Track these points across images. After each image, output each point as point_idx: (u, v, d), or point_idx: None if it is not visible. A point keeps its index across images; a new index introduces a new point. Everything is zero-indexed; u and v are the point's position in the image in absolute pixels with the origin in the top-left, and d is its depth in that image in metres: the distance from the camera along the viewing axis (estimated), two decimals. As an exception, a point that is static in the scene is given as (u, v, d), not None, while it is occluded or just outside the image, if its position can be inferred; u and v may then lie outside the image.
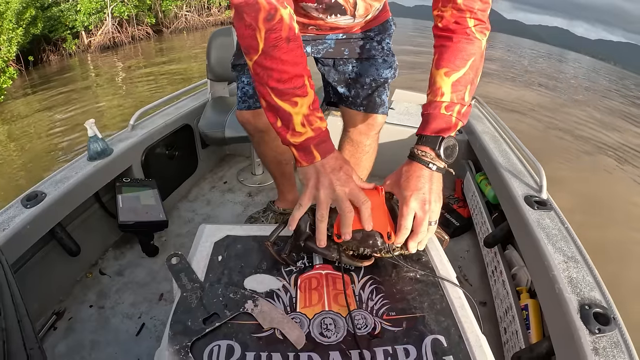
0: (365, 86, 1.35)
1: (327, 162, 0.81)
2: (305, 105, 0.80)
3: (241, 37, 0.80)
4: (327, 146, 0.82)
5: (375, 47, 1.31)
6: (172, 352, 0.61)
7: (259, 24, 0.76)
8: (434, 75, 0.91)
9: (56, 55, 12.86)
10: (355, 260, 0.81)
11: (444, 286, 0.79)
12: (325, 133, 0.83)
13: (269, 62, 0.78)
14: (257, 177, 2.41)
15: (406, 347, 0.65)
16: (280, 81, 0.78)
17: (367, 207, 0.78)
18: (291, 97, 0.79)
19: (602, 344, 0.86)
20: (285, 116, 0.80)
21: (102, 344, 1.35)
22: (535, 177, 1.51)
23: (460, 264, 1.80)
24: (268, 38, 0.77)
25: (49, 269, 1.44)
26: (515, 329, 1.23)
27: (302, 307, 0.72)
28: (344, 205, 0.77)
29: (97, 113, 7.15)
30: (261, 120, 1.37)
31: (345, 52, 1.30)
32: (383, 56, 1.33)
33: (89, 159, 1.54)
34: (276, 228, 0.84)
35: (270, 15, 0.76)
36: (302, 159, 0.82)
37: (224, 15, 20.23)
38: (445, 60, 0.89)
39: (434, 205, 0.83)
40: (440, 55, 0.91)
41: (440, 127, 0.87)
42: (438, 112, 0.88)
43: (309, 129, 0.80)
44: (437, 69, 0.90)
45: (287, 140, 0.83)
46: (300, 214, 0.81)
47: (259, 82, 0.81)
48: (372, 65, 1.33)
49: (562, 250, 1.14)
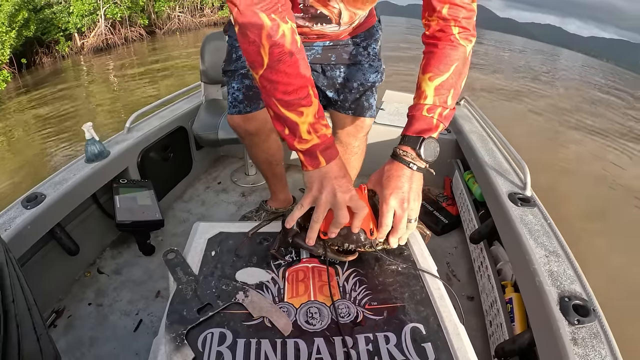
0: (353, 90, 1.39)
1: (331, 168, 0.84)
2: (311, 114, 0.83)
3: (246, 53, 0.83)
4: (332, 152, 0.85)
5: (362, 53, 1.35)
6: (169, 340, 0.65)
7: (262, 41, 0.79)
8: (419, 80, 0.96)
9: (49, 57, 12.75)
10: (340, 255, 0.86)
11: (424, 278, 0.84)
12: (330, 139, 0.86)
13: (275, 76, 0.81)
14: (250, 177, 2.44)
15: (387, 334, 0.70)
16: (286, 93, 0.81)
17: (362, 215, 0.82)
18: (297, 107, 0.82)
19: (581, 335, 0.88)
20: (292, 125, 0.83)
21: (101, 340, 1.38)
22: (520, 175, 1.55)
23: (449, 260, 1.84)
24: (272, 53, 0.80)
25: (48, 268, 1.47)
26: (500, 321, 1.27)
27: (289, 297, 0.77)
28: (342, 212, 0.81)
29: (90, 115, 7.15)
30: (251, 124, 1.41)
31: (332, 58, 1.34)
32: (369, 61, 1.37)
33: (87, 161, 1.58)
34: (260, 223, 0.92)
35: (272, 32, 0.79)
36: (308, 163, 0.84)
37: (217, 16, 20.17)
38: (431, 66, 0.94)
39: (412, 203, 0.87)
40: (426, 61, 0.96)
41: (421, 128, 0.92)
42: (420, 114, 0.93)
43: (315, 136, 0.83)
44: (423, 74, 0.95)
45: (294, 147, 0.85)
46: (300, 214, 0.85)
47: (265, 94, 0.84)
48: (359, 70, 1.37)
49: (543, 245, 1.17)
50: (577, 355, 0.84)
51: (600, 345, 0.87)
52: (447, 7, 0.92)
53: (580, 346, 0.86)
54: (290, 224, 0.86)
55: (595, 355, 0.85)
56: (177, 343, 0.65)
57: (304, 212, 0.85)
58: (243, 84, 1.35)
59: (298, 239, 0.86)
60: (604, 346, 0.87)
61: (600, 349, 0.86)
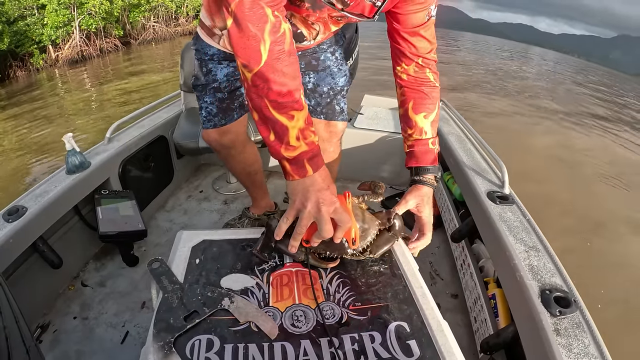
0: (324, 95, 1.41)
1: (315, 180, 0.82)
2: (302, 118, 0.81)
3: (242, 48, 0.78)
4: (318, 160, 0.83)
5: (330, 58, 1.38)
6: (156, 348, 0.65)
7: (264, 35, 0.77)
8: (413, 118, 1.11)
9: (23, 70, 12.48)
10: (321, 263, 0.88)
11: (407, 277, 0.86)
12: (318, 147, 0.84)
13: (271, 75, 0.78)
14: (232, 185, 2.44)
15: (372, 334, 0.71)
16: (280, 94, 0.79)
17: (346, 228, 0.83)
18: (289, 110, 0.79)
19: (563, 325, 0.91)
20: (281, 130, 0.80)
21: (88, 354, 1.37)
22: (498, 174, 1.58)
23: (432, 260, 1.87)
24: (272, 50, 0.77)
25: (32, 283, 1.45)
26: (484, 317, 1.30)
27: (274, 301, 0.78)
28: (326, 226, 0.81)
29: (66, 126, 7.05)
30: (226, 137, 1.42)
31: (301, 66, 1.35)
32: (337, 65, 1.40)
33: (68, 172, 1.56)
34: (260, 238, 0.92)
35: (275, 28, 0.77)
36: (294, 172, 0.82)
37: (192, 25, 20.07)
38: (422, 106, 1.10)
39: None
40: (415, 102, 1.11)
41: (434, 158, 1.10)
42: (428, 148, 1.10)
43: (303, 142, 0.81)
44: (415, 113, 1.10)
45: (279, 154, 0.82)
46: (287, 226, 0.85)
47: (256, 94, 0.80)
48: (328, 75, 1.39)
49: (523, 240, 1.20)
50: (561, 345, 0.86)
51: (583, 334, 0.89)
52: (421, 59, 1.09)
53: (563, 336, 0.88)
54: (280, 236, 0.86)
55: (579, 344, 0.87)
56: (165, 351, 0.65)
57: (290, 224, 0.85)
58: (215, 97, 1.35)
59: (281, 245, 0.87)
60: (587, 335, 0.89)
61: (583, 338, 0.88)
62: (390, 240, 0.92)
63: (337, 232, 0.82)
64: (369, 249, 0.90)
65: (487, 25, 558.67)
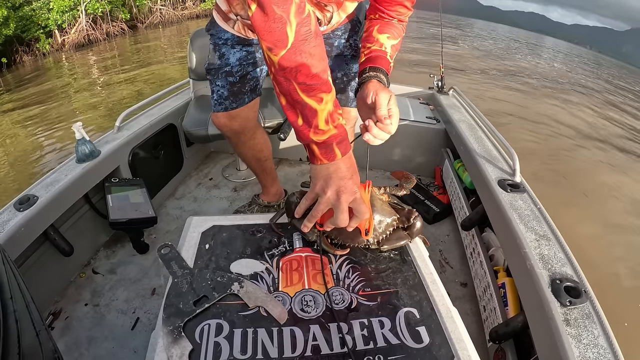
0: (337, 80, 1.40)
1: (339, 167, 0.81)
2: (330, 101, 0.80)
3: (268, 32, 0.76)
4: (347, 144, 0.82)
5: (344, 44, 1.36)
6: (166, 333, 0.66)
7: (290, 17, 0.75)
8: (375, 36, 1.10)
9: (30, 55, 12.38)
10: (332, 248, 0.88)
11: (417, 263, 0.85)
12: (345, 131, 0.83)
13: (299, 57, 0.76)
14: (242, 172, 2.44)
15: (381, 319, 0.71)
16: (309, 76, 0.77)
17: (361, 219, 0.81)
18: (318, 92, 0.78)
19: (573, 315, 0.90)
20: (309, 113, 0.79)
21: (99, 340, 1.38)
22: (509, 162, 1.57)
23: (442, 248, 1.86)
24: (299, 32, 0.76)
25: (43, 271, 1.46)
26: (494, 306, 1.29)
27: (284, 286, 0.78)
28: (342, 215, 0.80)
29: (75, 114, 7.06)
30: (236, 122, 1.42)
31: None
32: (352, 52, 1.38)
33: (78, 161, 1.57)
34: (278, 211, 0.97)
35: (300, 9, 0.76)
36: (323, 156, 0.81)
37: (199, 8, 19.83)
38: (387, 28, 1.11)
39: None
40: (381, 25, 1.11)
41: (389, 67, 1.07)
42: (385, 58, 1.07)
43: (332, 126, 0.80)
44: (379, 33, 1.10)
45: (308, 138, 0.81)
46: (306, 206, 0.85)
47: (284, 77, 0.78)
48: (342, 62, 1.38)
49: (534, 229, 1.19)
50: (570, 335, 0.85)
51: (593, 325, 0.88)
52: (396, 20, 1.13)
53: (573, 327, 0.87)
54: (300, 214, 0.86)
55: (588, 334, 0.86)
56: (174, 335, 0.65)
57: (309, 205, 0.85)
58: (227, 81, 1.35)
59: (297, 223, 0.89)
60: (597, 326, 0.88)
61: (592, 328, 0.87)
62: (404, 238, 0.91)
63: (351, 222, 0.81)
64: (380, 243, 0.89)
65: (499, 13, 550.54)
